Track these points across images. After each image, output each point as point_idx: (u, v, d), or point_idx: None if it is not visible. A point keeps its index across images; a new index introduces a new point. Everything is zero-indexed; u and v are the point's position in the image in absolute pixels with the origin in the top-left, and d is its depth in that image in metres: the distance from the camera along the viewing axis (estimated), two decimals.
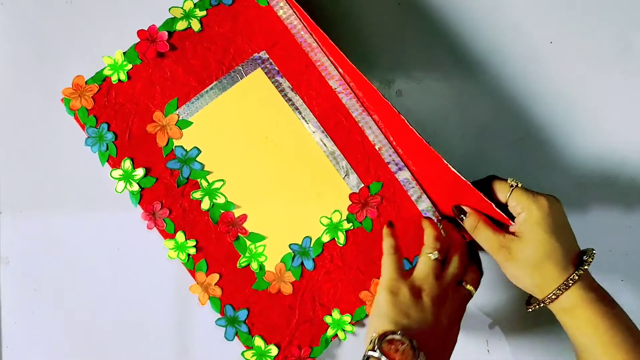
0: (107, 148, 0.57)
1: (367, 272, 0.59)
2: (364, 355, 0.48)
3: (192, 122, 0.58)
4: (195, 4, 0.58)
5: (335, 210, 0.59)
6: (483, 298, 0.61)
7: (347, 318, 0.58)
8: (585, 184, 0.62)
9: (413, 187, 0.59)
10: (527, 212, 0.51)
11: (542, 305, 0.51)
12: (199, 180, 0.58)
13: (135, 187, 0.57)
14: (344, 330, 0.58)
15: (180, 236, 0.58)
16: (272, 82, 0.59)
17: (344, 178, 0.59)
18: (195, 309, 0.60)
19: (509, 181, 0.52)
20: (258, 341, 0.58)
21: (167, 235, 0.58)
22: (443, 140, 0.61)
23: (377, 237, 0.59)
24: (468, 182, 0.50)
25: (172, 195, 0.58)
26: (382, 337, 0.48)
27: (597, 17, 0.61)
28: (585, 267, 0.50)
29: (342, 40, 0.54)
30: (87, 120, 0.57)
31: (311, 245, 0.59)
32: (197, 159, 0.58)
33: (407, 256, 0.59)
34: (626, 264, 0.62)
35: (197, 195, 0.58)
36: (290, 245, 0.59)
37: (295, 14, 0.58)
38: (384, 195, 0.59)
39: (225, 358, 0.60)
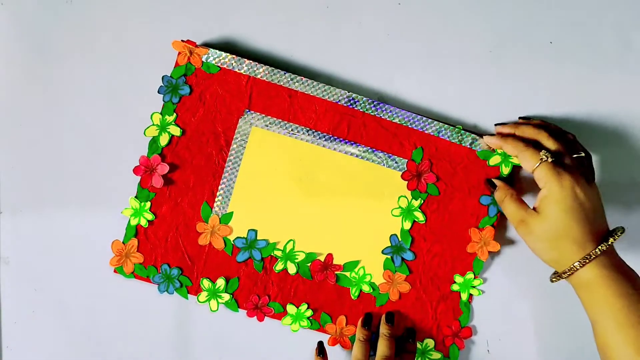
0: (181, 283, 0.57)
1: (460, 228, 0.59)
2: None
3: (232, 212, 0.58)
4: (161, 113, 0.57)
5: (400, 197, 0.59)
6: (483, 298, 0.61)
7: (470, 275, 0.59)
8: None
9: (449, 131, 0.59)
10: (548, 188, 0.52)
11: (561, 278, 0.53)
12: (272, 254, 0.58)
13: (226, 297, 0.58)
14: (474, 287, 0.59)
15: (291, 308, 0.59)
16: (272, 130, 0.58)
17: (387, 166, 0.59)
18: (195, 309, 0.60)
19: (541, 153, 0.53)
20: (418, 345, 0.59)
21: (280, 315, 0.59)
22: None
23: (448, 195, 0.59)
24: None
25: (260, 281, 0.58)
26: None
27: (597, 17, 0.61)
28: (605, 246, 0.51)
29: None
30: (148, 272, 0.57)
31: (400, 240, 0.59)
32: (258, 238, 0.58)
33: (483, 193, 0.59)
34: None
35: (279, 266, 0.58)
36: (383, 251, 0.59)
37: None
38: (430, 157, 0.59)
39: (225, 358, 0.62)
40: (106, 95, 0.60)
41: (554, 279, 0.54)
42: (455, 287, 0.59)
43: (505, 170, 0.59)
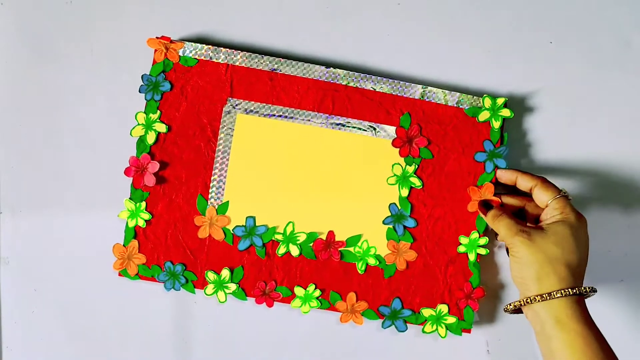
0: (186, 279, 0.57)
1: (458, 188, 0.59)
2: None
3: (228, 201, 0.58)
4: (145, 111, 0.57)
5: (393, 165, 0.58)
6: (484, 298, 0.60)
7: (475, 235, 0.59)
8: (585, 184, 0.62)
9: (434, 93, 0.58)
10: (564, 216, 0.53)
11: (527, 303, 0.51)
12: (273, 238, 0.58)
13: (233, 287, 0.57)
14: (480, 247, 0.59)
15: (299, 290, 0.58)
16: (258, 115, 0.58)
17: (377, 137, 0.58)
18: (195, 309, 0.60)
19: (562, 189, 0.54)
20: (427, 312, 0.59)
21: (288, 299, 0.58)
22: None
23: (442, 156, 0.58)
24: None
25: (265, 267, 0.58)
26: None
27: (597, 17, 0.61)
28: (590, 289, 0.51)
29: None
30: (153, 271, 0.57)
31: (399, 208, 0.58)
32: (257, 224, 0.58)
33: (477, 149, 0.58)
34: (626, 264, 0.62)
35: (282, 250, 0.58)
36: (384, 222, 0.59)
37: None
38: (418, 121, 0.59)
39: (226, 357, 0.61)
40: (106, 95, 0.60)
41: (509, 308, 0.53)
42: (461, 249, 0.59)
43: (496, 125, 0.58)
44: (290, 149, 0.58)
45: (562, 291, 0.50)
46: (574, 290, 0.50)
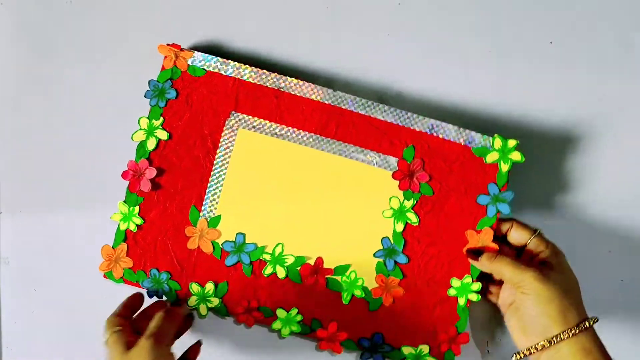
0: (170, 287, 0.57)
1: (456, 229, 0.56)
2: None
3: (220, 215, 0.58)
4: (148, 117, 0.58)
5: (391, 197, 0.57)
6: (484, 299, 0.58)
7: (468, 279, 0.56)
8: (585, 184, 0.60)
9: (443, 128, 0.56)
10: (556, 250, 0.53)
11: (547, 345, 0.49)
12: (261, 257, 0.57)
13: (216, 301, 0.57)
14: (472, 292, 0.56)
15: (281, 313, 0.57)
16: (259, 132, 0.57)
17: (377, 166, 0.57)
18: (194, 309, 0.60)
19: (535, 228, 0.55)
20: (407, 350, 0.57)
21: (270, 320, 0.58)
22: None
23: (443, 194, 0.56)
24: None
25: (250, 285, 0.58)
26: None
27: (597, 17, 0.60)
28: (595, 320, 0.50)
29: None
30: (137, 277, 0.57)
31: (392, 242, 0.57)
32: (246, 242, 0.58)
33: (480, 192, 0.56)
34: (626, 264, 0.61)
35: (268, 270, 0.57)
36: (374, 255, 0.57)
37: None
38: (422, 156, 0.56)
39: (225, 357, 0.60)
40: (106, 95, 0.60)
41: (523, 355, 0.51)
42: (452, 292, 0.57)
43: (504, 168, 0.55)
44: (288, 170, 0.57)
45: (587, 322, 0.49)
46: (595, 319, 0.50)
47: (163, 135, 0.57)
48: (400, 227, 0.57)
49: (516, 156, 0.55)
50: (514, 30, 0.60)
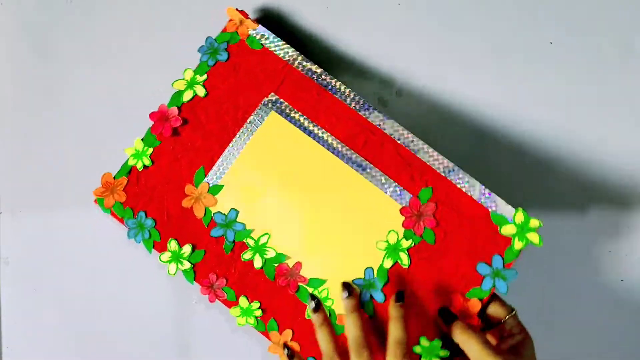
0: (150, 235, 0.57)
1: (444, 287, 0.52)
2: None
3: (223, 185, 0.57)
4: (194, 71, 0.58)
5: (391, 231, 0.54)
6: None
7: (438, 343, 0.52)
8: (585, 184, 0.60)
9: (467, 181, 0.53)
10: (527, 336, 0.51)
11: None
12: (245, 240, 0.56)
13: (187, 265, 0.57)
14: (438, 356, 0.52)
15: (243, 301, 0.56)
16: (289, 121, 0.56)
17: (389, 195, 0.54)
18: (195, 308, 0.58)
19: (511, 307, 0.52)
20: None
21: (230, 303, 0.56)
22: (443, 142, 0.58)
23: (444, 247, 0.53)
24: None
25: (224, 262, 0.56)
26: None
27: (597, 17, 0.59)
28: None
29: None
30: (124, 213, 0.58)
31: (375, 276, 0.54)
32: (237, 219, 0.57)
33: (482, 259, 0.52)
34: (626, 264, 0.60)
35: (247, 255, 0.56)
36: (353, 281, 0.54)
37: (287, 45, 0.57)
38: (438, 200, 0.53)
39: (226, 357, 0.58)
40: (106, 95, 0.61)
41: None
42: (417, 349, 0.52)
43: (518, 245, 0.51)
44: (302, 167, 0.56)
45: None
46: None
47: (201, 91, 0.58)
48: (388, 263, 0.54)
49: (534, 238, 0.51)
50: (514, 30, 0.59)
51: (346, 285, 0.53)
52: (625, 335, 0.60)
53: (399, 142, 0.54)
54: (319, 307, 0.53)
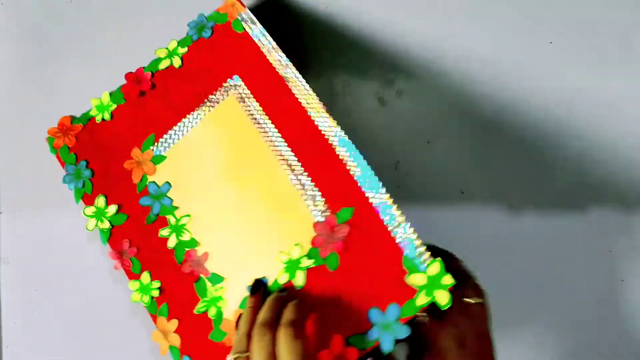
0: (84, 185, 0.57)
1: (327, 324, 0.45)
2: None
3: (166, 157, 0.56)
4: (178, 42, 0.58)
5: (296, 245, 0.48)
6: None
7: None
8: (585, 184, 0.59)
9: (391, 213, 0.46)
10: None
11: None
12: (167, 217, 0.54)
13: (107, 225, 0.56)
14: None
15: (145, 277, 0.53)
16: (244, 108, 0.54)
17: (310, 206, 0.49)
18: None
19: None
20: None
21: (133, 275, 0.54)
22: (442, 142, 0.59)
23: (344, 278, 0.46)
24: None
25: (143, 233, 0.55)
26: None
27: (597, 17, 0.58)
28: None
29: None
30: (68, 158, 0.58)
31: (269, 288, 0.49)
32: (167, 194, 0.55)
33: (377, 304, 0.44)
34: (626, 264, 0.60)
35: (164, 232, 0.54)
36: (247, 287, 0.49)
37: (267, 36, 0.54)
38: (353, 224, 0.47)
39: None
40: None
41: None
42: None
43: (421, 301, 0.43)
44: (241, 158, 0.53)
45: None
46: None
47: (177, 62, 0.57)
48: (283, 279, 0.48)
49: (442, 298, 0.43)
50: (514, 30, 0.58)
51: (255, 284, 0.49)
52: (625, 336, 0.60)
53: (341, 155, 0.49)
54: (255, 291, 0.48)
